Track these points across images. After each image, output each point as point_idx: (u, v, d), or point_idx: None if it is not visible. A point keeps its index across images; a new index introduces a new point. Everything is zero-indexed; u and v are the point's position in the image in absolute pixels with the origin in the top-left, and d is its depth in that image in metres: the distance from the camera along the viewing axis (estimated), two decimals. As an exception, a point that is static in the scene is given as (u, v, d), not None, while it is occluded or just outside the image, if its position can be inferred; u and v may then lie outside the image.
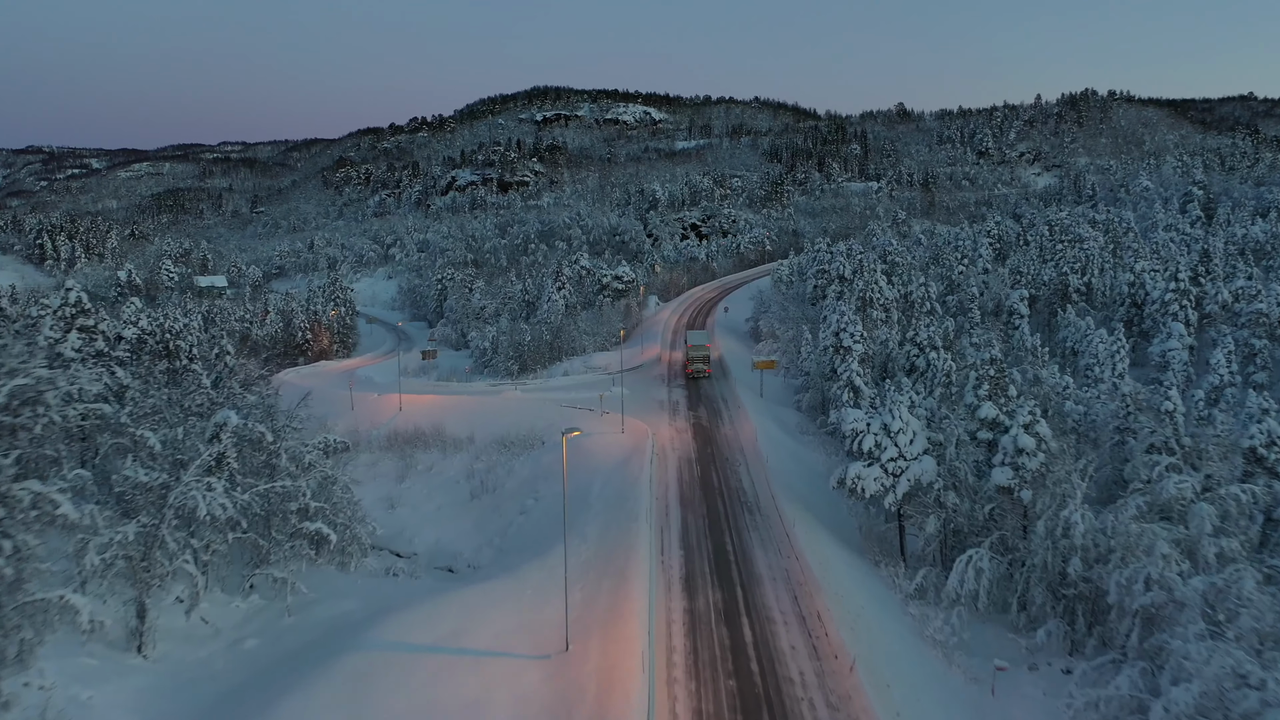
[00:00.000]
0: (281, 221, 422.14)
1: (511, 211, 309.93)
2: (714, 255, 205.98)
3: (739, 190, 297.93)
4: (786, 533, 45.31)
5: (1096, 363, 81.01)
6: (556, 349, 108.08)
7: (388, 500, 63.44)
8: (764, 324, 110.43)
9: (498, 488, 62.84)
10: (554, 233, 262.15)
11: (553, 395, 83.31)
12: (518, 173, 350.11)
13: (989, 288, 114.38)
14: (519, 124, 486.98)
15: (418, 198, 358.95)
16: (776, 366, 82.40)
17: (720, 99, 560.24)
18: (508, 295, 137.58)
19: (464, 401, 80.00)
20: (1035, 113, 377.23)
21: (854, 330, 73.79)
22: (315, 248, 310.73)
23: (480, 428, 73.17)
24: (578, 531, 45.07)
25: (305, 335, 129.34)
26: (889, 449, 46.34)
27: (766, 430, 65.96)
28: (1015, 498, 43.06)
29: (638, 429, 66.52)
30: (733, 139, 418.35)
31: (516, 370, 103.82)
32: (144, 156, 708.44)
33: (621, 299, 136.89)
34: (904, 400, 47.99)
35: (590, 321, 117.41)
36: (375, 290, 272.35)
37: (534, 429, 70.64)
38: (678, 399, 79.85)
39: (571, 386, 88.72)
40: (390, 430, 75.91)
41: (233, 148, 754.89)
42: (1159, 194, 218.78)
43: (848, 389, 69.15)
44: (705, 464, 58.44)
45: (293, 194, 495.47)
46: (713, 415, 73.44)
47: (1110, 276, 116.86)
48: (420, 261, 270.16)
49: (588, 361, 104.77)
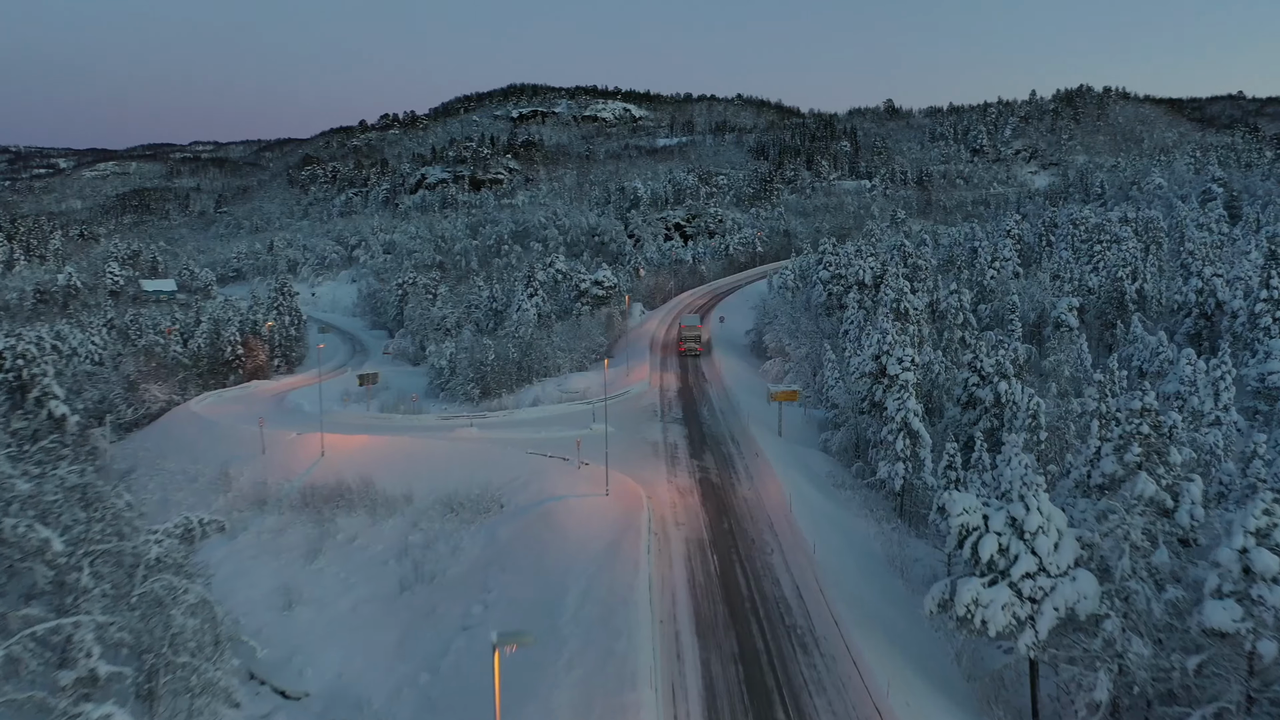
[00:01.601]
0: (244, 222, 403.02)
1: (484, 211, 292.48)
2: (701, 257, 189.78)
3: (725, 188, 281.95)
4: (868, 690, 28.89)
5: (1192, 391, 64.89)
6: (526, 369, 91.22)
7: (285, 594, 46.45)
8: (770, 337, 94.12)
9: (437, 575, 46.03)
10: (529, 233, 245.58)
11: (518, 434, 66.44)
12: (491, 170, 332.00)
13: (1031, 296, 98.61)
14: (494, 120, 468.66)
15: (385, 196, 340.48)
16: (798, 398, 65.80)
17: (702, 96, 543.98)
18: (472, 303, 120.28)
19: (405, 444, 62.94)
20: (1030, 109, 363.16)
21: (902, 354, 57.42)
22: (275, 249, 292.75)
23: (422, 481, 56.29)
24: (540, 702, 28.38)
25: (236, 350, 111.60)
26: (1023, 559, 29.93)
27: (798, 489, 49.46)
28: (1249, 651, 26.76)
29: (628, 490, 49.86)
30: (716, 136, 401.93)
31: (478, 395, 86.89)
32: (112, 156, 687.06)
33: (602, 307, 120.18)
34: (1035, 477, 31.57)
35: (566, 335, 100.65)
36: (337, 295, 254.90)
37: (491, 486, 53.90)
38: (676, 440, 63.19)
39: (542, 421, 71.82)
40: (307, 484, 58.88)
41: (204, 147, 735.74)
42: (1174, 192, 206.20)
43: (901, 434, 52.75)
44: (725, 552, 41.78)
45: (257, 193, 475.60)
46: (724, 465, 56.86)
47: (1167, 283, 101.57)
48: (386, 264, 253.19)
49: (563, 384, 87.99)
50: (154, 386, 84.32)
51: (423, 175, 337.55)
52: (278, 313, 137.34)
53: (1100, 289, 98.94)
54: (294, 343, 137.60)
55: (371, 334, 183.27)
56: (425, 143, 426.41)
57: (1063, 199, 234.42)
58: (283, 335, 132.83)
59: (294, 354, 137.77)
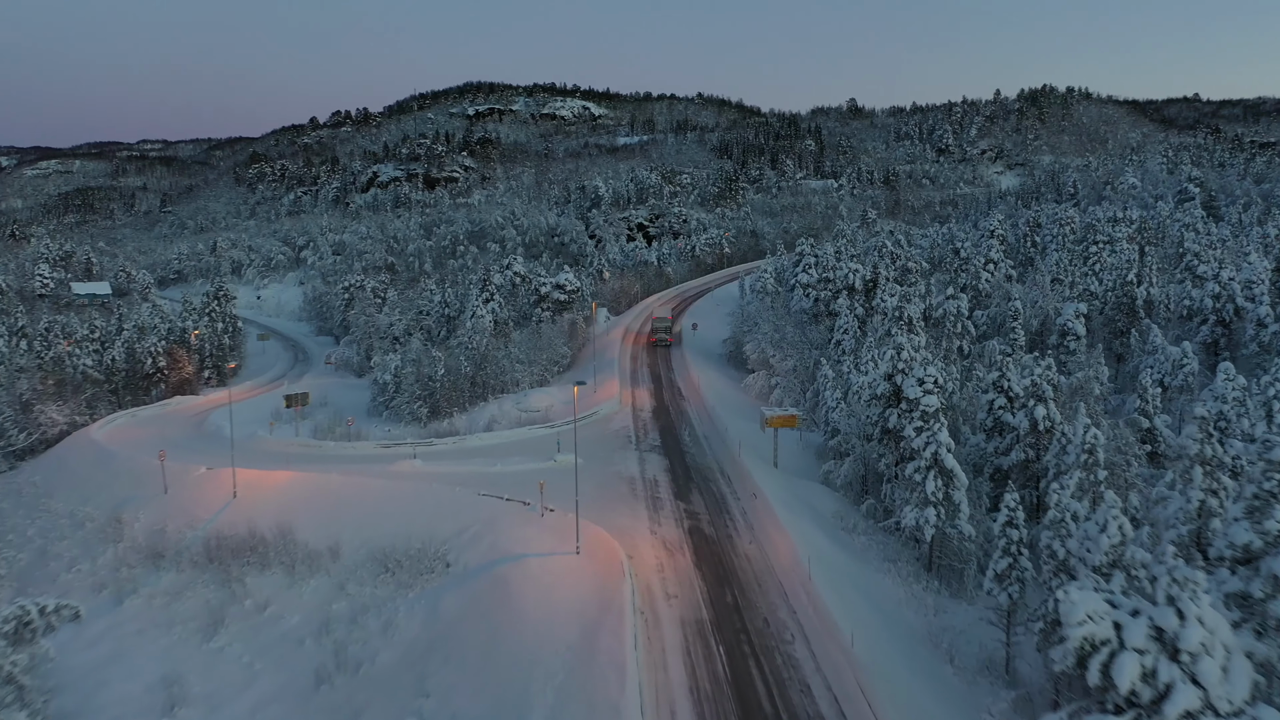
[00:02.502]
0: (188, 221, 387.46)
1: (439, 210, 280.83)
2: (666, 259, 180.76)
3: (689, 187, 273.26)
4: None
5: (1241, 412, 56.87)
6: (481, 385, 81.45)
7: (168, 689, 36.50)
8: (751, 348, 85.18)
9: (364, 663, 36.36)
10: (485, 233, 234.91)
11: (470, 467, 56.75)
12: (446, 168, 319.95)
13: (1032, 302, 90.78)
14: (449, 118, 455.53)
15: (336, 195, 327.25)
16: (797, 424, 56.62)
17: (662, 95, 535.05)
18: (423, 309, 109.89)
19: (334, 484, 52.89)
20: (996, 108, 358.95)
21: (924, 374, 48.62)
22: (218, 250, 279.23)
23: (352, 531, 46.53)
24: None
25: (157, 362, 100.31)
26: (1180, 691, 21.11)
27: (813, 545, 40.45)
28: None
29: (603, 547, 40.53)
30: (678, 134, 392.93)
31: (425, 415, 76.94)
32: (56, 154, 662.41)
33: (564, 313, 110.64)
34: (1191, 572, 22.74)
35: (526, 345, 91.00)
36: (283, 298, 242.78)
37: (435, 538, 44.33)
38: (656, 474, 53.89)
39: (499, 450, 62.11)
40: (213, 532, 48.79)
41: (152, 146, 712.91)
42: (1149, 191, 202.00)
43: (932, 473, 43.91)
44: (733, 641, 32.57)
45: (203, 192, 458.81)
46: (716, 509, 47.71)
47: (1175, 287, 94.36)
48: (335, 265, 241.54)
49: (522, 402, 78.35)
50: (50, 407, 73.23)
51: (374, 173, 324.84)
52: (209, 318, 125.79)
53: (1106, 294, 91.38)
54: (228, 352, 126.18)
55: (317, 340, 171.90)
56: (378, 140, 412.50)
57: (1034, 198, 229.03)
58: (214, 344, 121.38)
59: (229, 363, 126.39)
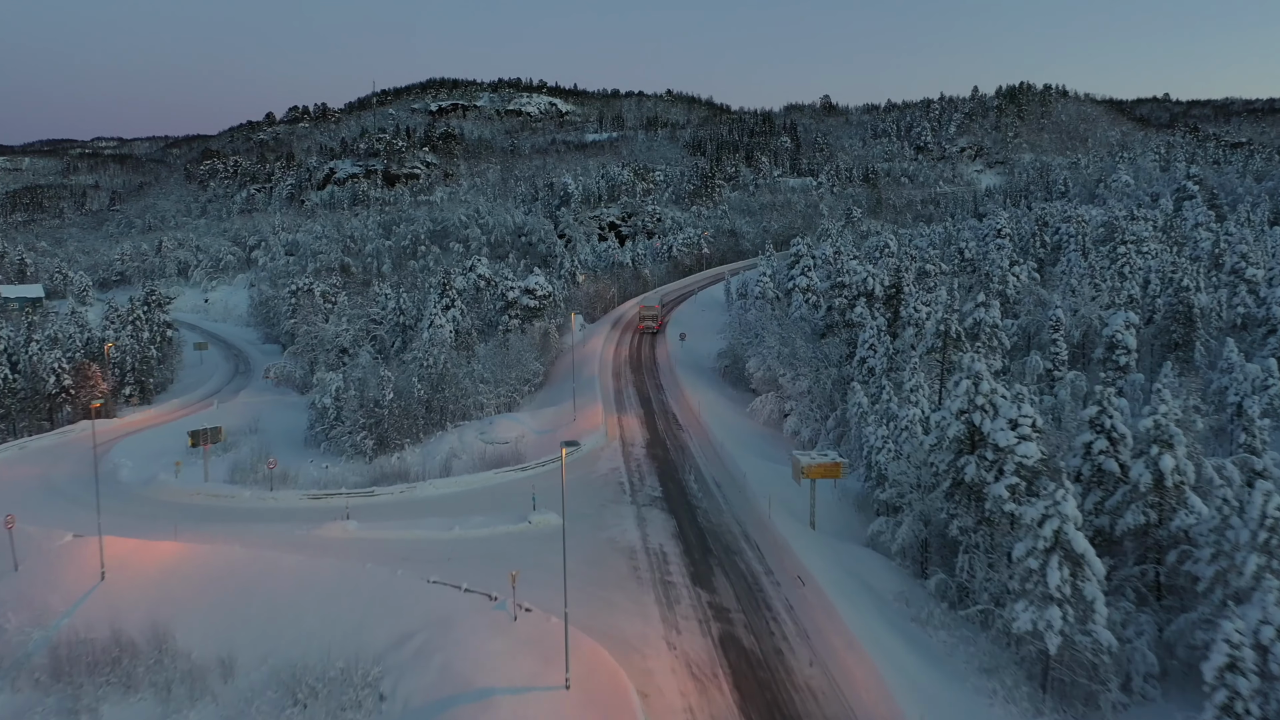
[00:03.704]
0: (136, 220, 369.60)
1: (399, 208, 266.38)
2: (642, 260, 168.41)
3: (663, 184, 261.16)
4: None
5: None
6: (438, 409, 68.66)
7: None
8: (755, 363, 73.00)
9: None
10: (448, 233, 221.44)
11: (418, 532, 44.04)
12: (407, 164, 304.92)
13: (1070, 309, 79.54)
14: (411, 114, 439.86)
15: (290, 193, 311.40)
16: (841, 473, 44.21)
17: (630, 93, 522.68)
18: (374, 317, 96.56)
19: (234, 561, 39.94)
20: (974, 105, 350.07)
21: (1023, 414, 36.69)
22: (163, 250, 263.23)
23: (252, 636, 33.84)
24: None
25: (62, 380, 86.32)
26: None
27: (898, 666, 28.40)
28: None
29: (602, 675, 28.20)
30: (648, 131, 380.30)
31: (371, 448, 64.03)
32: (5, 152, 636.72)
33: (535, 321, 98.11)
34: None
35: (491, 360, 78.33)
36: (231, 302, 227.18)
37: (365, 651, 31.74)
38: (663, 542, 41.57)
39: (457, 502, 49.41)
40: (67, 634, 35.84)
41: (107, 143, 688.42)
42: (1144, 190, 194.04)
43: (1056, 558, 31.85)
44: None
45: (153, 189, 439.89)
46: (751, 600, 35.54)
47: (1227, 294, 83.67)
48: (288, 266, 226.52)
49: (487, 431, 65.72)
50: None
51: (331, 169, 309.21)
52: (134, 327, 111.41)
53: (1153, 300, 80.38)
54: (155, 365, 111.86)
55: (264, 349, 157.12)
56: (337, 137, 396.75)
57: (1023, 196, 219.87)
58: (138, 357, 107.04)
59: (157, 378, 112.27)
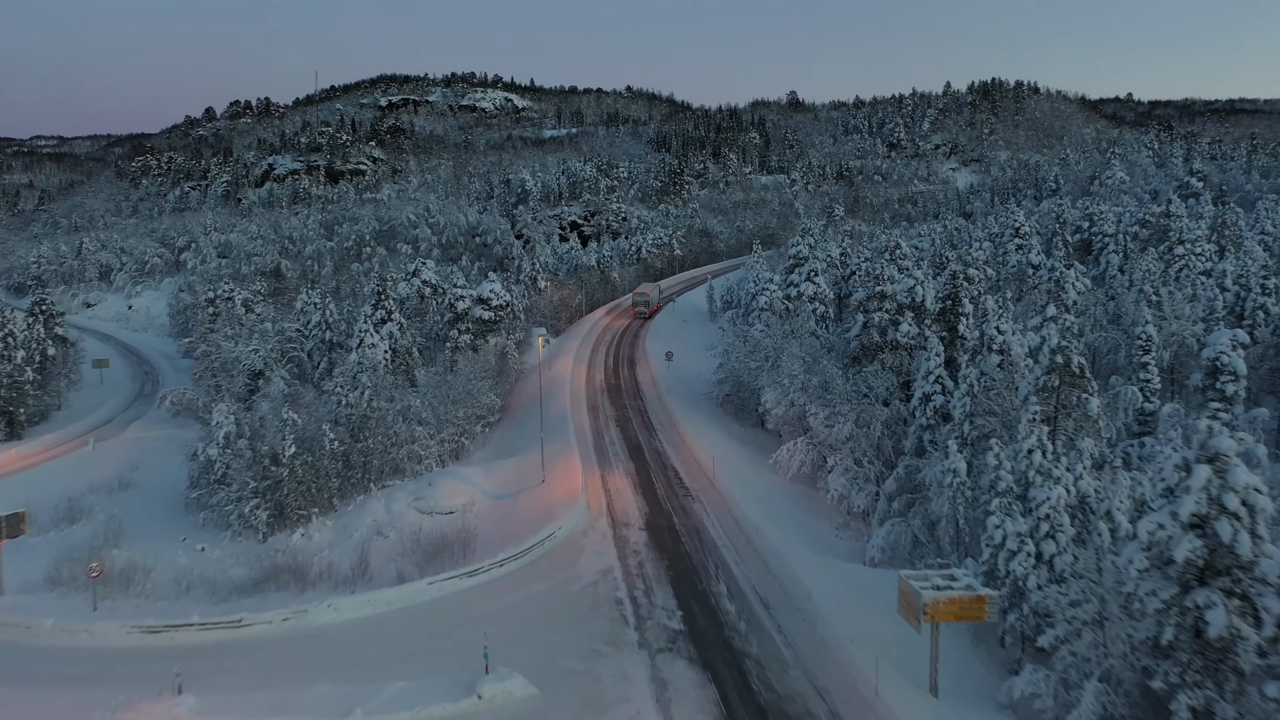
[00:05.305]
0: (62, 220, 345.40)
1: (342, 206, 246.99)
2: (609, 262, 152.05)
3: (628, 181, 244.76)
4: None
5: None
6: (358, 465, 51.43)
7: None
8: (773, 396, 56.67)
9: None
10: (396, 233, 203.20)
11: (307, 696, 26.99)
12: (352, 160, 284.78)
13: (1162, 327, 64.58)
14: (360, 109, 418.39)
15: (226, 190, 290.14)
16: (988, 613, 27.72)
17: (588, 89, 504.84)
18: (290, 335, 78.68)
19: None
20: (948, 102, 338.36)
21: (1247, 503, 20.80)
22: (84, 252, 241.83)
23: None
24: None
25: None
26: None
27: None
28: None
29: None
30: (610, 127, 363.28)
31: (264, 522, 46.70)
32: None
33: (489, 337, 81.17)
34: None
35: (434, 391, 61.28)
36: (155, 309, 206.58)
37: None
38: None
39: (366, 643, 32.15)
40: None
41: (46, 142, 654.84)
42: (1140, 186, 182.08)
43: None
44: None
45: (82, 188, 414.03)
46: None
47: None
48: (219, 270, 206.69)
49: (424, 498, 48.70)
50: None
51: (270, 166, 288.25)
52: (5, 344, 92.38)
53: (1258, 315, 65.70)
54: (34, 389, 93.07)
55: (182, 364, 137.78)
56: (279, 132, 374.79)
57: (1011, 194, 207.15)
58: (10, 380, 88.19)
59: (33, 407, 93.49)
